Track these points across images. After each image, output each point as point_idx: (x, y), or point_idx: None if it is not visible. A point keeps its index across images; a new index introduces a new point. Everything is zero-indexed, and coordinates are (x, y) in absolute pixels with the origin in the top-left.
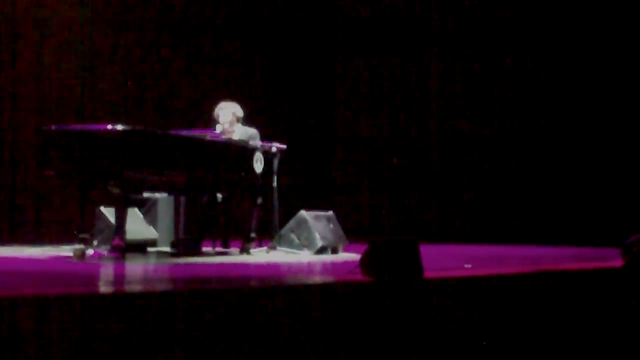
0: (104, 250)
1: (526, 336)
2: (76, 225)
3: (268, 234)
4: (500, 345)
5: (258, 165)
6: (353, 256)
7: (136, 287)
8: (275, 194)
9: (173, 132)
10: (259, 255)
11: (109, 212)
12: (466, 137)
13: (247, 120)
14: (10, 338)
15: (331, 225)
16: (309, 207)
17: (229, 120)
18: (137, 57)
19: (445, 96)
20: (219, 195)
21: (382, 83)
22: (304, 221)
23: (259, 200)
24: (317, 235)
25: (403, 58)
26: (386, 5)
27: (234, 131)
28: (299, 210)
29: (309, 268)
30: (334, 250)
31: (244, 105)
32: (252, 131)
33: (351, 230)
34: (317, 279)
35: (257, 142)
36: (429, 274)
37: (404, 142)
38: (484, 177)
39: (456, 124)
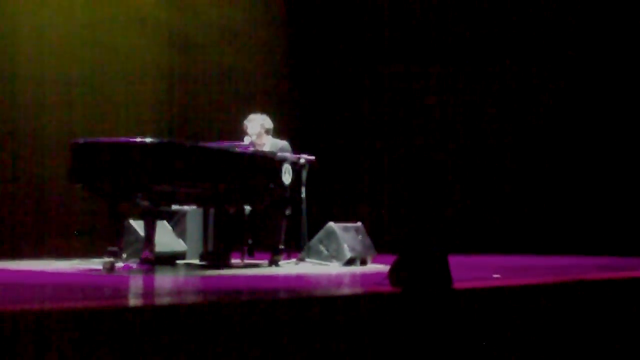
0: (133, 263)
1: (555, 345)
2: (106, 238)
3: (297, 246)
4: (528, 355)
5: (286, 177)
6: (382, 267)
7: (165, 300)
8: (304, 205)
9: (201, 144)
10: (288, 267)
11: (138, 225)
12: (492, 149)
13: (278, 132)
14: (41, 350)
15: (360, 237)
16: (337, 218)
17: (257, 132)
18: (166, 69)
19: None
20: (248, 207)
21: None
22: (332, 232)
23: (288, 212)
24: (346, 247)
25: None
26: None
27: (264, 143)
28: (327, 221)
29: (338, 280)
30: (363, 262)
31: (274, 118)
32: (283, 143)
33: (380, 241)
34: (346, 290)
35: (285, 154)
36: (458, 284)
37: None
38: (511, 189)
39: (479, 135)
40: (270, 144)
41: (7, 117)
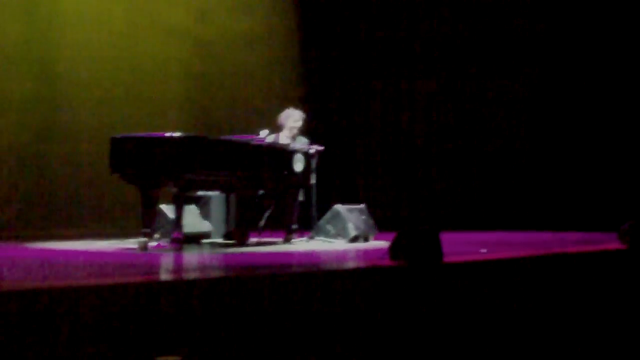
0: (164, 242)
1: (536, 313)
2: (140, 220)
3: (307, 225)
4: (512, 321)
5: (298, 165)
6: (383, 244)
7: (193, 275)
8: (314, 190)
9: (222, 138)
10: (300, 245)
11: (168, 209)
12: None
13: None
14: (85, 321)
15: (363, 217)
16: (343, 201)
17: (297, 126)
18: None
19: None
20: (264, 192)
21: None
22: (338, 214)
23: (300, 196)
24: (351, 226)
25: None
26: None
27: (294, 137)
28: (334, 204)
29: (344, 255)
30: (366, 239)
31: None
32: (305, 140)
33: (381, 221)
34: (351, 264)
35: (296, 145)
36: (448, 258)
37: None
38: (494, 173)
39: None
40: (299, 140)
41: (53, 115)
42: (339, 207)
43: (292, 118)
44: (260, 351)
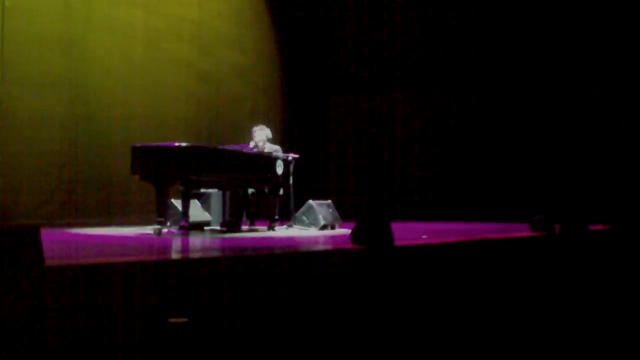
0: (174, 229)
1: (462, 287)
2: (155, 212)
3: (286, 216)
4: (444, 293)
5: (279, 169)
6: (346, 231)
7: (197, 254)
8: (291, 189)
9: (219, 147)
10: (281, 232)
11: (177, 203)
12: (422, 148)
13: (275, 139)
14: (113, 289)
15: (330, 210)
16: (314, 197)
17: (263, 139)
18: (195, 96)
19: (409, 124)
20: (252, 190)
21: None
22: (311, 207)
23: (280, 193)
24: (321, 217)
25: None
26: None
27: (265, 147)
28: (308, 199)
29: (315, 240)
30: (332, 227)
31: (272, 130)
32: (276, 147)
33: (345, 213)
34: (321, 247)
35: (278, 153)
36: (398, 242)
37: (379, 154)
38: (433, 176)
39: (415, 141)
40: (269, 147)
41: (87, 129)
42: (311, 202)
43: (260, 132)
44: (251, 313)
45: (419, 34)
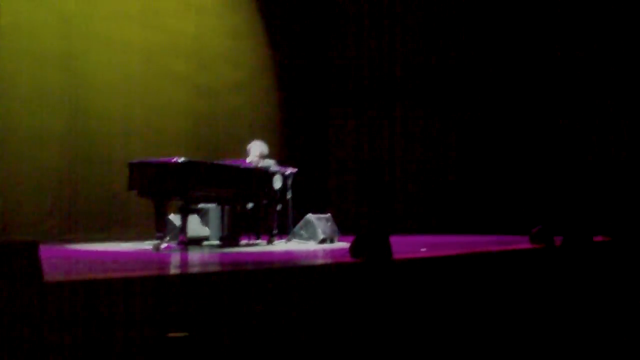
0: (173, 244)
1: (462, 298)
2: (154, 227)
3: (285, 231)
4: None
5: (277, 184)
6: (344, 245)
7: (196, 269)
8: (290, 203)
9: (217, 162)
10: (280, 245)
11: (175, 218)
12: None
13: (271, 154)
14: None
15: (329, 224)
16: (313, 211)
17: (258, 154)
18: (192, 110)
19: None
20: (251, 204)
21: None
22: (310, 221)
23: (278, 207)
24: (319, 231)
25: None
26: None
27: (259, 162)
28: (306, 213)
29: (314, 254)
30: (331, 241)
31: (269, 144)
32: (270, 161)
33: (343, 227)
34: (320, 261)
35: (276, 168)
36: (396, 256)
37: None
38: (431, 189)
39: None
40: (263, 162)
41: (86, 144)
42: (310, 216)
43: (255, 148)
44: (249, 326)
45: (419, 46)
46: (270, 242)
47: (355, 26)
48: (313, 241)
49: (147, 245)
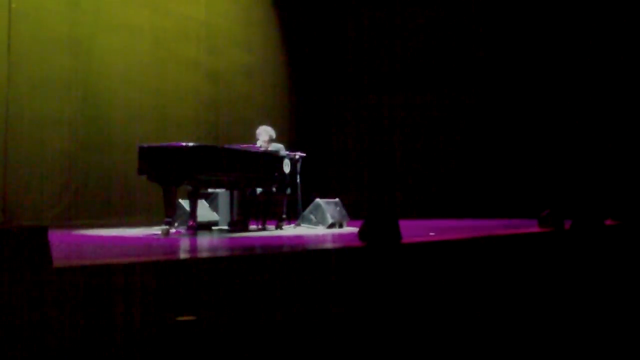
0: (182, 229)
1: (471, 281)
2: (163, 212)
3: (294, 215)
4: (453, 288)
5: (286, 168)
6: (353, 229)
7: (205, 254)
8: (299, 187)
9: (227, 146)
10: (289, 230)
11: (185, 203)
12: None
13: (279, 138)
14: (123, 289)
15: (338, 208)
16: (322, 196)
17: (266, 139)
18: (203, 96)
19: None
20: (260, 189)
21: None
22: (319, 206)
23: (288, 192)
24: (328, 215)
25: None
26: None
27: (268, 146)
28: (315, 198)
29: (323, 238)
30: (340, 225)
31: (278, 129)
32: (280, 145)
33: (352, 211)
34: (329, 245)
35: (285, 152)
36: (405, 240)
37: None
38: (440, 175)
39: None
40: (273, 147)
41: (95, 129)
42: (319, 200)
43: (263, 132)
44: (257, 311)
45: (423, 34)
46: (279, 226)
47: (362, 15)
48: (322, 226)
49: (156, 230)
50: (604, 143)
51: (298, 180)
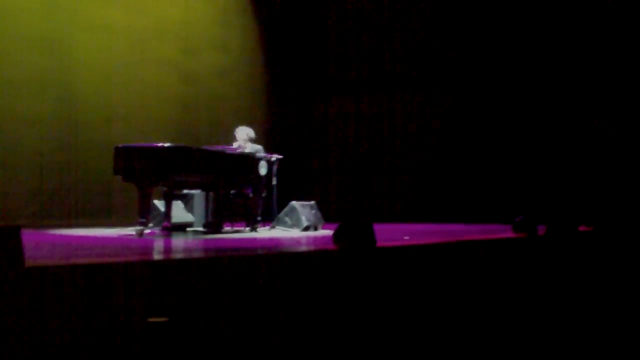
0: (156, 230)
1: (445, 286)
2: (137, 212)
3: (269, 217)
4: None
5: (262, 170)
6: (328, 232)
7: (179, 255)
8: (275, 190)
9: (202, 147)
10: (264, 233)
11: (159, 204)
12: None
13: (255, 139)
14: (94, 290)
15: (313, 211)
16: (297, 198)
17: (244, 139)
18: (178, 96)
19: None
20: (235, 191)
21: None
22: (294, 208)
23: (263, 194)
24: (303, 218)
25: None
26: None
27: (246, 147)
28: (290, 200)
29: (298, 241)
30: (315, 228)
31: (255, 130)
32: (259, 147)
33: (327, 214)
34: (303, 248)
35: (261, 154)
36: (380, 243)
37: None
38: (414, 179)
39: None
40: (251, 147)
41: (69, 129)
42: (294, 203)
43: (241, 132)
44: (231, 313)
45: (406, 36)
46: (254, 229)
47: (341, 14)
48: (297, 228)
49: (130, 231)
50: (579, 149)
51: (274, 182)
